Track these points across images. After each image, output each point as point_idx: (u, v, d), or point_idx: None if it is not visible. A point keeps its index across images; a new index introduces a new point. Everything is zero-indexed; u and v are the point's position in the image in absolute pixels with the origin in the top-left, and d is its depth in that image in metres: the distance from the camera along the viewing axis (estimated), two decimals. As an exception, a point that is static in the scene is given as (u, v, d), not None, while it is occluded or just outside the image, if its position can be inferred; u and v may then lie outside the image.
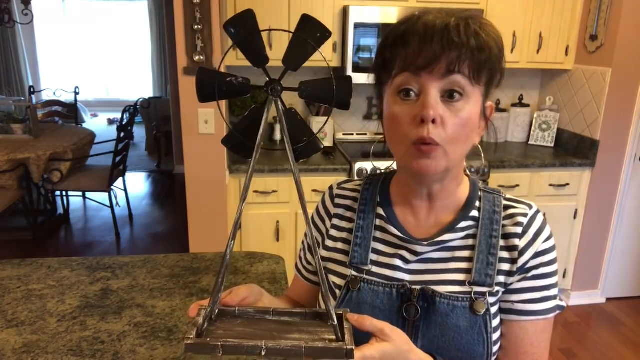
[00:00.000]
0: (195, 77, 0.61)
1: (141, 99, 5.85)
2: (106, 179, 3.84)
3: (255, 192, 2.59)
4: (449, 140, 0.68)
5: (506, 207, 0.79)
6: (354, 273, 0.80)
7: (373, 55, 2.73)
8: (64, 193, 4.41)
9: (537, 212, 0.78)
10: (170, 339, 1.12)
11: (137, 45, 8.94)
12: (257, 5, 2.56)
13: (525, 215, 0.77)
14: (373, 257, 0.80)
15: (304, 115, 3.14)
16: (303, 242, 0.96)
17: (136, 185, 5.40)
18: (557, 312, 0.78)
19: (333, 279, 0.82)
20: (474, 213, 0.78)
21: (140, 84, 8.84)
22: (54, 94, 5.99)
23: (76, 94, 5.81)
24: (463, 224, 0.77)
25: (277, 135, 3.06)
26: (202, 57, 2.33)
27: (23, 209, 3.89)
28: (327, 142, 2.99)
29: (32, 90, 5.75)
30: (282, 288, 1.35)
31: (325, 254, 0.85)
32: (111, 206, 3.98)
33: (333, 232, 0.86)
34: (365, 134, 3.18)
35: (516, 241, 0.75)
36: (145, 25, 8.42)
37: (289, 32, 0.59)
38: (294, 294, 0.97)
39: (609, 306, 3.11)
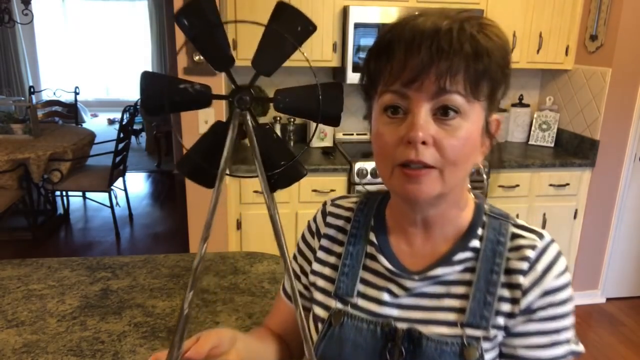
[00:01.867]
0: (142, 84, 0.49)
1: (141, 99, 5.84)
2: (106, 179, 3.84)
3: (255, 192, 2.59)
4: (445, 163, 0.61)
5: (513, 237, 0.69)
6: (339, 305, 0.73)
7: (373, 55, 2.75)
8: (64, 193, 4.41)
9: (550, 243, 0.68)
10: (170, 339, 1.12)
11: (137, 45, 8.94)
12: (257, 4, 2.57)
13: (533, 247, 0.67)
14: (360, 287, 0.73)
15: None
16: (290, 264, 0.91)
17: (136, 185, 5.40)
18: (570, 359, 0.67)
19: (316, 309, 0.76)
20: (475, 243, 0.69)
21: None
22: (54, 94, 5.99)
23: (76, 94, 5.81)
24: (461, 256, 0.68)
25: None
26: (202, 57, 2.33)
27: (23, 209, 3.89)
28: (327, 142, 2.99)
29: (32, 90, 5.75)
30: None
31: (311, 278, 0.79)
32: (111, 206, 3.98)
33: (321, 255, 0.79)
34: (366, 134, 3.18)
35: (520, 279, 0.66)
36: (145, 25, 8.42)
37: (260, 24, 0.47)
38: (275, 321, 0.88)
39: (609, 306, 3.11)
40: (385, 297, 0.71)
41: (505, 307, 0.66)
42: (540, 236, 0.68)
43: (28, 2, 4.56)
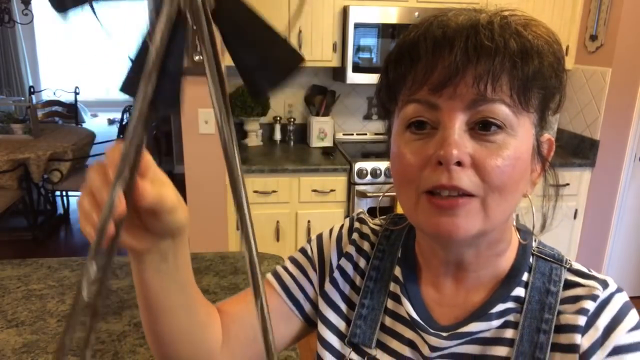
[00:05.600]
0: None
1: (141, 99, 5.85)
2: (106, 179, 3.84)
3: (255, 192, 2.59)
4: (487, 190, 0.48)
5: (568, 285, 0.55)
6: (353, 357, 0.60)
7: (373, 55, 2.75)
8: (64, 193, 4.41)
9: (615, 292, 0.53)
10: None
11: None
12: (256, 5, 2.57)
13: (594, 298, 0.52)
14: (381, 336, 0.60)
15: (302, 116, 3.12)
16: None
17: (136, 185, 5.40)
18: None
19: (324, 354, 0.62)
20: (518, 291, 0.55)
21: (140, 84, 8.86)
22: (54, 94, 6.00)
23: (76, 94, 5.81)
24: (500, 307, 0.54)
25: (277, 135, 3.04)
26: (202, 57, 2.33)
27: (23, 209, 3.89)
28: (327, 142, 2.98)
29: (32, 90, 5.76)
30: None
31: (320, 303, 0.65)
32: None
33: (337, 277, 0.64)
34: (365, 134, 3.18)
35: (577, 338, 0.51)
36: (144, 25, 8.42)
37: None
38: (235, 304, 0.65)
39: (609, 306, 3.11)
40: (408, 352, 0.59)
41: None
42: (604, 284, 0.53)
43: (28, 2, 4.57)
